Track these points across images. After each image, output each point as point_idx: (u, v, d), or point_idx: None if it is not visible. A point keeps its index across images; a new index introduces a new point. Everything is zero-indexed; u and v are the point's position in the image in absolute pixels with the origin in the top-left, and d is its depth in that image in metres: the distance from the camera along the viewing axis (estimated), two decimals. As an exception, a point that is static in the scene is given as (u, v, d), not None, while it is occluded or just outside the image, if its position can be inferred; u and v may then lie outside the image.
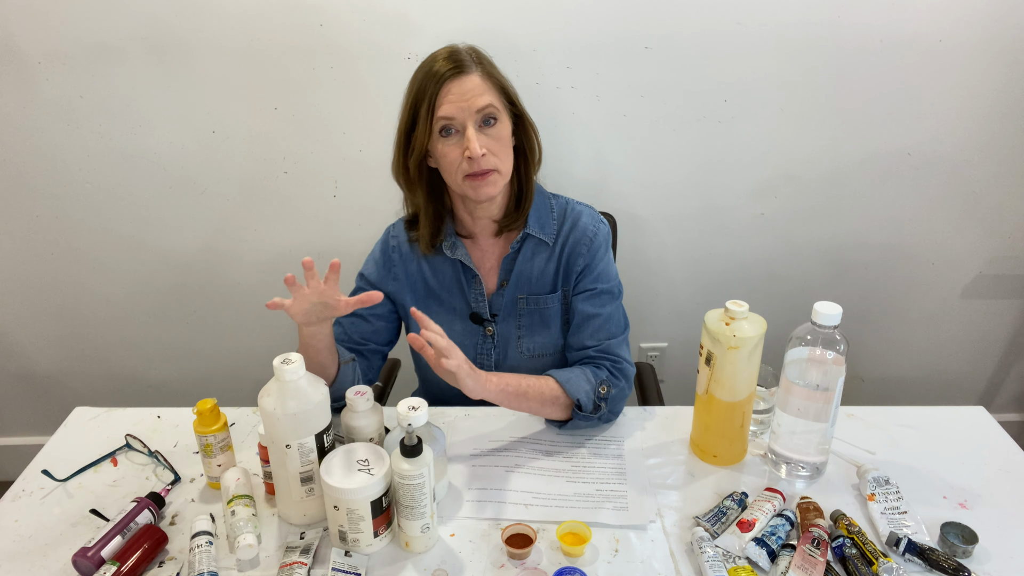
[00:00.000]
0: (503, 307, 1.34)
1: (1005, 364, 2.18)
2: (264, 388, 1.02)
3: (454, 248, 1.31)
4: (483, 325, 1.35)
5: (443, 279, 1.35)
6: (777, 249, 1.97)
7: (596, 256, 1.32)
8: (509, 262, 1.33)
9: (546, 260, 1.33)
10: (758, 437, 1.26)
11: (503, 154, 1.21)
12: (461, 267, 1.33)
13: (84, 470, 1.21)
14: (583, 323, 1.31)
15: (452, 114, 1.16)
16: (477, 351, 1.37)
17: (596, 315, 1.30)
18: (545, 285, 1.34)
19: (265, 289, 1.98)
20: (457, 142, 1.18)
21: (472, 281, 1.34)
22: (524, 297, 1.34)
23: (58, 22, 1.65)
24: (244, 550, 1.00)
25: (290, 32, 1.67)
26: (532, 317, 1.35)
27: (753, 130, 1.80)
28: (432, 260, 1.35)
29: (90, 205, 1.88)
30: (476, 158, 1.16)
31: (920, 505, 1.09)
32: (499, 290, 1.34)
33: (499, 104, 1.20)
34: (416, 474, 0.97)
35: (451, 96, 1.16)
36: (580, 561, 1.02)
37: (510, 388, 1.18)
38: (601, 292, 1.31)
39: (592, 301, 1.31)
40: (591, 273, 1.31)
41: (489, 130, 1.19)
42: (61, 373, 2.14)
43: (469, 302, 1.35)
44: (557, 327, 1.35)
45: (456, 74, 1.16)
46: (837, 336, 1.08)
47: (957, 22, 1.68)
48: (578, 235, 1.32)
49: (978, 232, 1.96)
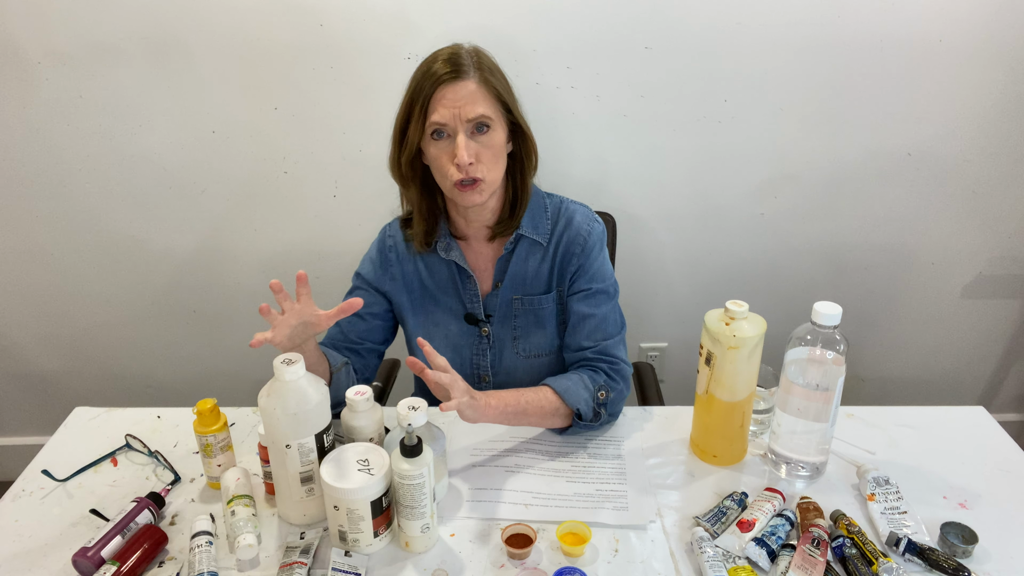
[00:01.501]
0: (498, 308, 1.34)
1: (1005, 364, 2.18)
2: (264, 388, 1.02)
3: (448, 249, 1.31)
4: (478, 326, 1.35)
5: (439, 279, 1.35)
6: (777, 249, 1.97)
7: (590, 256, 1.31)
8: (503, 263, 1.33)
9: (540, 261, 1.33)
10: (758, 437, 1.26)
11: (492, 163, 1.20)
12: (456, 268, 1.33)
13: (84, 470, 1.21)
14: (579, 323, 1.31)
15: (444, 120, 1.16)
16: (473, 352, 1.37)
17: (592, 315, 1.30)
18: (539, 285, 1.34)
19: (265, 289, 1.98)
20: (448, 146, 1.18)
21: (467, 282, 1.33)
22: (519, 298, 1.34)
23: (58, 22, 1.65)
24: (244, 550, 1.00)
25: (290, 32, 1.67)
26: (527, 318, 1.35)
27: (753, 130, 1.80)
28: (428, 260, 1.34)
29: (90, 205, 1.88)
30: (463, 166, 1.16)
31: (920, 505, 1.09)
32: (494, 291, 1.34)
33: (493, 113, 1.18)
34: (416, 474, 0.97)
35: (445, 100, 1.15)
36: (580, 561, 1.02)
37: (509, 409, 1.18)
38: (596, 292, 1.31)
39: (587, 301, 1.31)
40: (585, 273, 1.31)
41: (481, 137, 1.18)
42: (61, 373, 2.14)
43: (464, 303, 1.35)
44: (553, 327, 1.35)
45: (452, 78, 1.15)
46: (837, 336, 1.08)
47: (957, 22, 1.68)
48: (572, 235, 1.31)
49: (978, 232, 1.96)
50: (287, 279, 1.79)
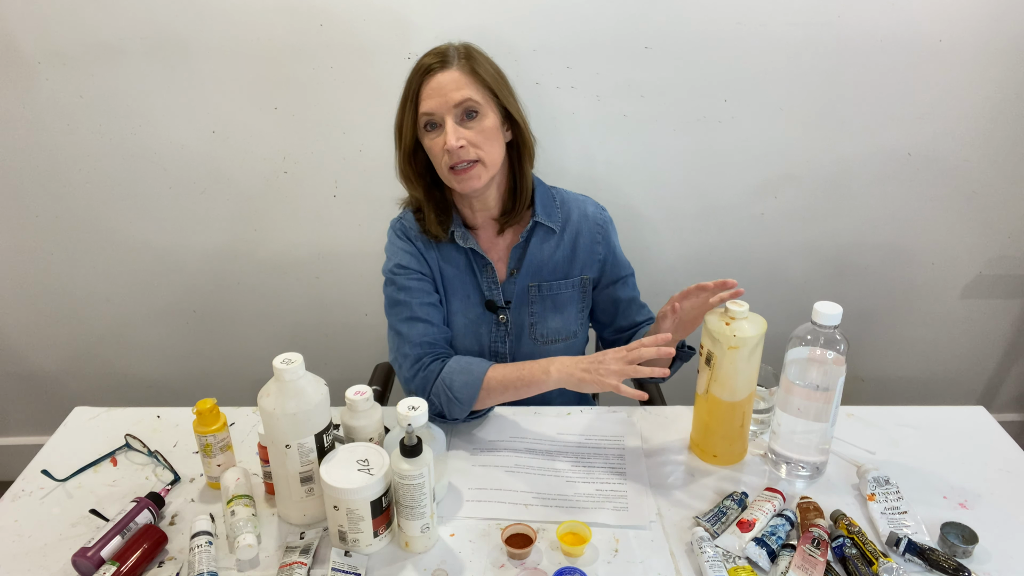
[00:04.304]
0: (515, 295, 1.36)
1: (1005, 364, 2.18)
2: (264, 388, 1.02)
3: (465, 238, 1.33)
4: (496, 313, 1.37)
5: (457, 268, 1.36)
6: (777, 249, 1.97)
7: (613, 244, 1.41)
8: (519, 251, 1.35)
9: (555, 247, 1.36)
10: (758, 437, 1.26)
11: (487, 145, 1.22)
12: (473, 255, 1.35)
13: (84, 470, 1.21)
14: (628, 307, 1.43)
15: (432, 108, 1.19)
16: (491, 338, 1.38)
17: (635, 297, 1.45)
18: (558, 272, 1.37)
19: (265, 289, 1.98)
20: (439, 134, 1.21)
21: (485, 270, 1.35)
22: (536, 285, 1.36)
23: (58, 22, 1.65)
24: (244, 550, 1.00)
25: (290, 32, 1.67)
26: (544, 304, 1.37)
27: (753, 130, 1.80)
28: (444, 250, 1.35)
29: (90, 205, 1.88)
30: (452, 150, 1.18)
31: (920, 505, 1.09)
32: (509, 278, 1.36)
33: (480, 98, 1.21)
34: (416, 474, 0.97)
35: (430, 90, 1.19)
36: (580, 561, 1.02)
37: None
38: (628, 276, 1.43)
39: (627, 286, 1.43)
40: (617, 261, 1.41)
41: (471, 123, 1.21)
42: (61, 373, 2.14)
43: (483, 291, 1.36)
44: (572, 313, 1.39)
45: (439, 68, 1.19)
46: (837, 336, 1.08)
47: (957, 22, 1.68)
48: (590, 224, 1.38)
49: (978, 232, 1.96)
50: (287, 279, 1.80)
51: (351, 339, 2.06)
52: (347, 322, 2.03)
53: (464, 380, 1.23)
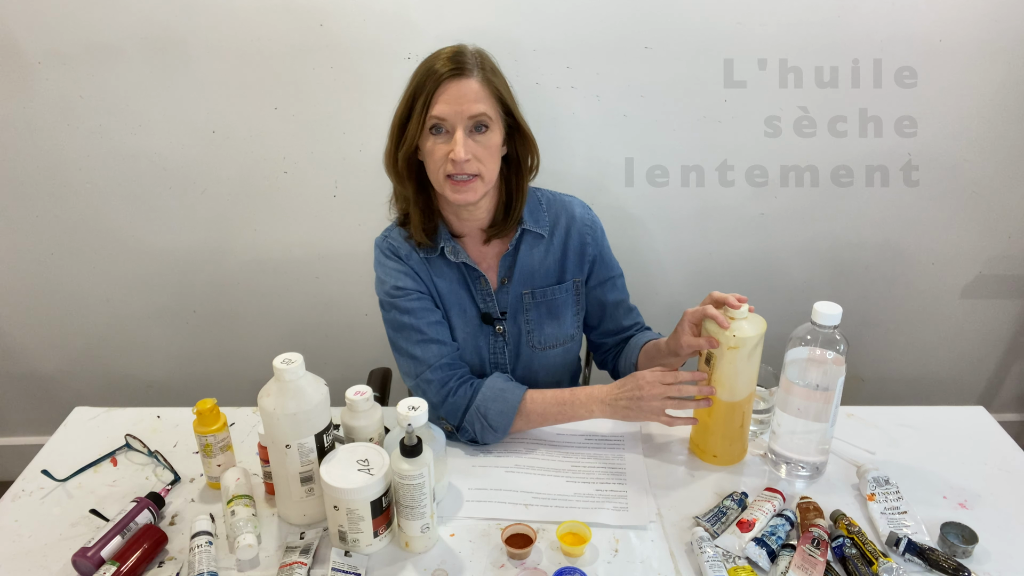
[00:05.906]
0: (510, 304, 1.35)
1: (1005, 364, 2.18)
2: (264, 388, 1.02)
3: (456, 252, 1.30)
4: (493, 324, 1.35)
5: (450, 283, 1.33)
6: (777, 249, 1.97)
7: (601, 245, 1.38)
8: (509, 259, 1.33)
9: (544, 253, 1.34)
10: (758, 437, 1.26)
11: (490, 161, 1.20)
12: (465, 268, 1.32)
13: (84, 470, 1.21)
14: (615, 310, 1.41)
15: (445, 115, 1.16)
16: (491, 351, 1.36)
17: (623, 300, 1.42)
18: (550, 277, 1.35)
19: (265, 289, 1.98)
20: (445, 141, 1.18)
21: (478, 281, 1.33)
22: (530, 292, 1.34)
23: (58, 22, 1.65)
24: (244, 550, 1.00)
25: (290, 32, 1.67)
26: (539, 310, 1.36)
27: (753, 130, 1.80)
28: (435, 265, 1.32)
29: (90, 205, 1.88)
30: (459, 161, 1.16)
31: (920, 505, 1.09)
32: (502, 287, 1.34)
33: (493, 113, 1.19)
34: (416, 474, 0.97)
35: (447, 97, 1.16)
36: (580, 561, 1.02)
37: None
38: (616, 277, 1.41)
39: (615, 288, 1.41)
40: (605, 262, 1.39)
41: (479, 136, 1.18)
42: (61, 373, 2.14)
43: (477, 303, 1.34)
44: (568, 317, 1.37)
45: (456, 76, 1.16)
46: (837, 336, 1.08)
47: (957, 22, 1.68)
48: (579, 226, 1.36)
49: (978, 232, 1.96)
50: (287, 279, 1.80)
51: (351, 339, 2.06)
52: (347, 322, 2.03)
53: (499, 408, 1.23)
